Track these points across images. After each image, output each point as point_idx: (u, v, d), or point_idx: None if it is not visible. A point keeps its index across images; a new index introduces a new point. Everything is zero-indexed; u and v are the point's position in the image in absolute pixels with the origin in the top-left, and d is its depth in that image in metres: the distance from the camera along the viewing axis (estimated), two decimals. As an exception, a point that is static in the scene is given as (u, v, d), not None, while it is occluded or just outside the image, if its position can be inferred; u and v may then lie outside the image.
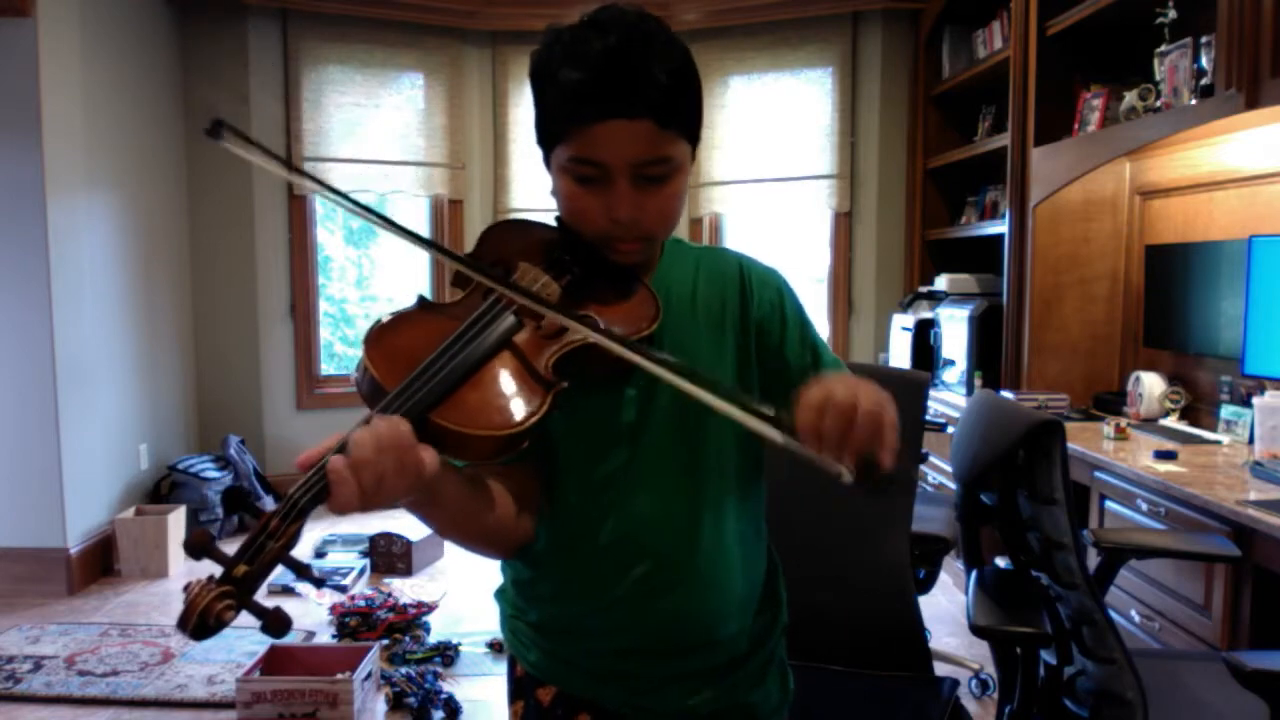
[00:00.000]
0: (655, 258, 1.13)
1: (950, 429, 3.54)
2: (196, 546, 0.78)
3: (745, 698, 1.16)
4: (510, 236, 1.11)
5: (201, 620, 0.74)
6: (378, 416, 0.84)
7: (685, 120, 1.02)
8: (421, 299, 1.02)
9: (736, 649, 1.14)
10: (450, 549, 4.37)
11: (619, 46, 0.97)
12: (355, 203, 1.02)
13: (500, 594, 1.22)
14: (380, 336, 0.95)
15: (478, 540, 1.06)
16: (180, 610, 0.75)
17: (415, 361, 0.90)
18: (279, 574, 0.82)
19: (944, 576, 3.83)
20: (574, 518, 1.09)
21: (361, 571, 4.04)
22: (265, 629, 0.78)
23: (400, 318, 0.98)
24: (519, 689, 1.19)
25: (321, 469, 0.81)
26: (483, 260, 1.05)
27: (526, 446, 0.93)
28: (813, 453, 0.84)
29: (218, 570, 0.78)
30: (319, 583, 0.81)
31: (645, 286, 1.07)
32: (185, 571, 4.13)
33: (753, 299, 1.13)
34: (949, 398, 3.92)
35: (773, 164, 5.10)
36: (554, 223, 1.11)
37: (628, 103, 0.97)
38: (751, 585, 1.16)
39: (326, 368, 5.28)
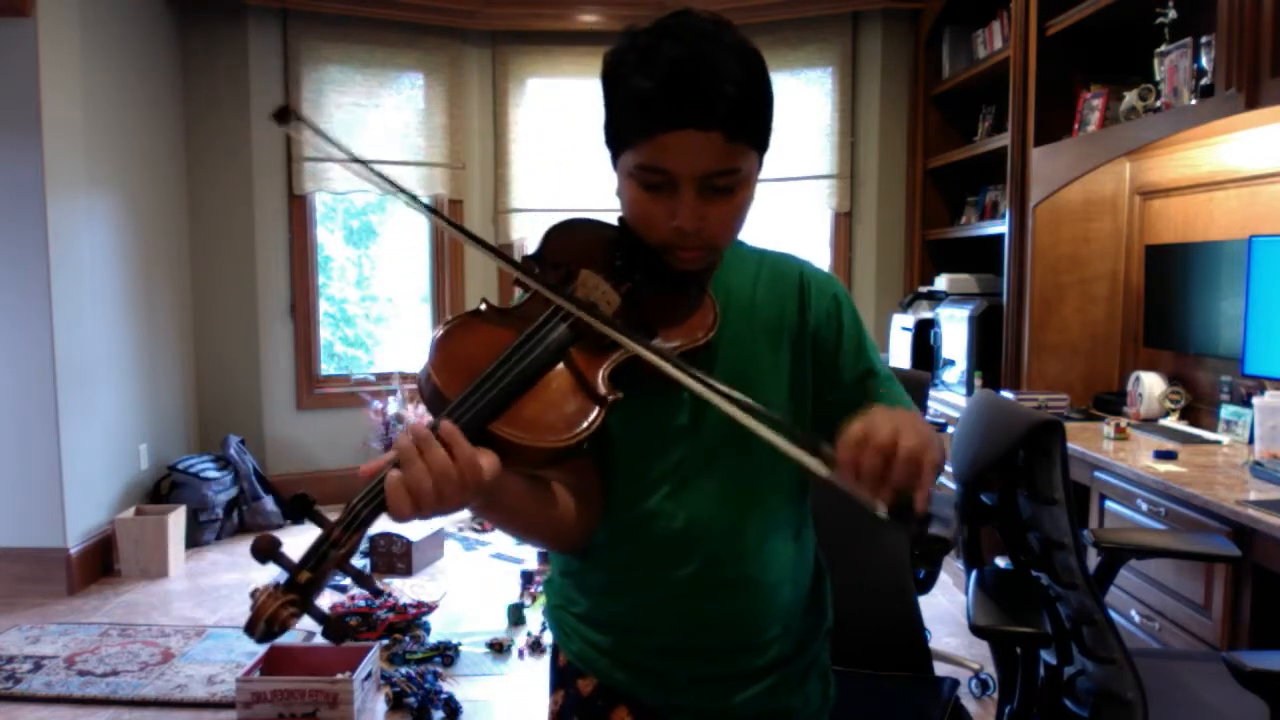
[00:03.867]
0: (716, 262, 1.13)
1: (950, 429, 3.53)
2: (263, 551, 0.81)
3: (786, 701, 1.17)
4: (574, 239, 1.11)
5: (268, 626, 0.78)
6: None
7: (755, 131, 1.02)
8: (486, 302, 1.03)
9: (780, 651, 1.15)
10: (450, 549, 4.37)
11: (690, 56, 0.96)
12: (433, 210, 1.03)
13: (548, 584, 1.24)
14: (444, 344, 0.96)
15: (539, 535, 1.08)
16: (248, 616, 0.79)
17: (476, 370, 0.92)
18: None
19: (944, 576, 3.83)
20: (625, 515, 1.10)
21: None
22: (326, 634, 0.82)
23: (463, 324, 0.99)
24: (560, 678, 1.20)
25: (381, 480, 0.84)
26: (546, 263, 1.06)
27: (585, 449, 0.94)
28: (849, 486, 0.86)
29: (283, 575, 0.81)
30: (377, 592, 0.85)
31: (706, 294, 1.08)
32: (185, 572, 4.13)
33: (810, 308, 1.13)
34: (949, 398, 3.92)
35: (773, 164, 5.01)
36: (616, 223, 1.11)
37: (698, 114, 0.96)
38: (798, 588, 1.17)
39: (326, 368, 5.28)
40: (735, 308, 1.11)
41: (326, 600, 3.61)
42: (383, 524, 4.11)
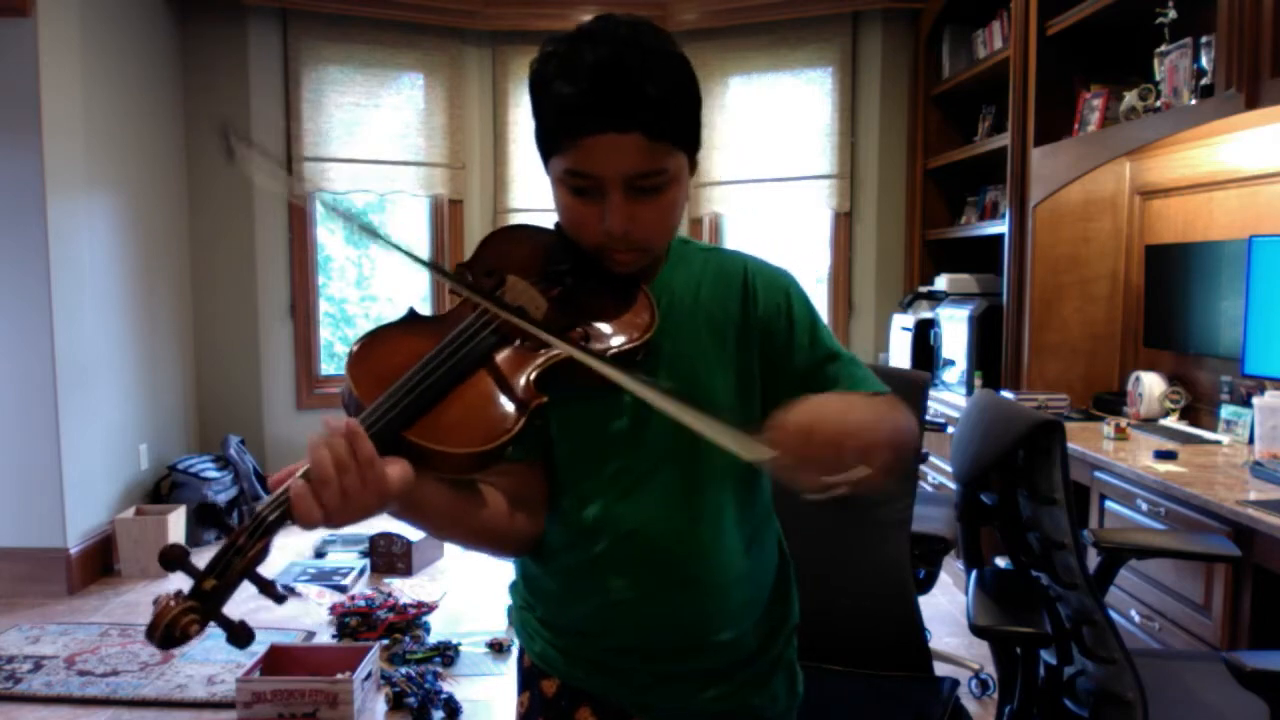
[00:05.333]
0: (660, 260, 1.13)
1: (950, 429, 3.54)
2: (169, 559, 0.81)
3: (750, 699, 1.16)
4: (508, 245, 1.11)
5: (167, 632, 0.77)
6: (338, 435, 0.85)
7: (679, 132, 1.02)
8: (411, 311, 1.03)
9: (741, 650, 1.14)
10: (450, 549, 4.37)
11: (609, 60, 0.97)
12: (349, 216, 1.03)
13: (512, 587, 1.24)
14: (363, 352, 0.95)
15: (472, 541, 1.07)
16: (149, 621, 0.78)
17: (395, 377, 0.91)
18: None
19: (944, 576, 3.83)
20: (573, 520, 1.09)
21: (361, 571, 4.04)
22: (230, 640, 0.81)
23: (385, 331, 0.99)
24: (525, 679, 1.20)
25: (288, 488, 0.83)
26: (478, 268, 1.06)
27: (510, 454, 0.93)
28: (777, 472, 0.86)
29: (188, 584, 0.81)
30: (280, 599, 0.85)
31: (644, 294, 1.07)
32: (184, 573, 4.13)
33: (757, 302, 1.13)
34: (949, 398, 3.92)
35: (773, 164, 5.09)
36: (553, 228, 1.11)
37: (617, 117, 0.97)
38: (757, 587, 1.16)
39: (326, 367, 5.28)
40: (679, 305, 1.11)
41: (328, 600, 3.61)
42: (382, 524, 4.11)
